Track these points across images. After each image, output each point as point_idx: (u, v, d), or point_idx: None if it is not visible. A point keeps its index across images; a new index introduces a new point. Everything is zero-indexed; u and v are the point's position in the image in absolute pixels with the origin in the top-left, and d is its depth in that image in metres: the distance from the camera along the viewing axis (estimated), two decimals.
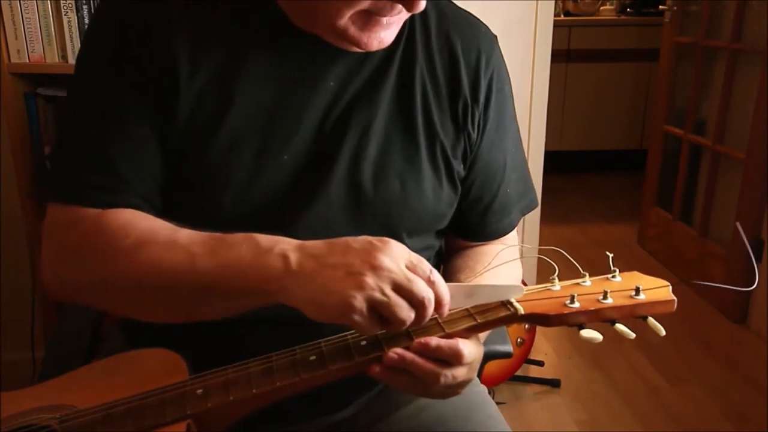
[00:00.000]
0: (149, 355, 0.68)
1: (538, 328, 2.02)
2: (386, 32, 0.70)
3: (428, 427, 0.78)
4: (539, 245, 2.02)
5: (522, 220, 0.91)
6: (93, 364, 0.71)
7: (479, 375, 0.84)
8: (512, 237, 0.92)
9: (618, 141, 4.00)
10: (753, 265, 2.32)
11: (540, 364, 2.07)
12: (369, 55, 0.75)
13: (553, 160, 2.25)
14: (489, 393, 0.89)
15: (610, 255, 0.71)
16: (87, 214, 0.69)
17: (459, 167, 0.81)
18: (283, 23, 0.73)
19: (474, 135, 0.81)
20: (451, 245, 0.91)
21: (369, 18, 0.68)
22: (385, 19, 0.69)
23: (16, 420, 0.64)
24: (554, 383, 2.02)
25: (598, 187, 3.95)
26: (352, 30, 0.68)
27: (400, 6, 0.67)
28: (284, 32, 0.74)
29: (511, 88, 0.88)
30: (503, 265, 0.83)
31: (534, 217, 1.99)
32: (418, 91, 0.78)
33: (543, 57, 1.87)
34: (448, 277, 0.82)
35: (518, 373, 1.98)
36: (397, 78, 0.77)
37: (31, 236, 1.62)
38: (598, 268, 0.71)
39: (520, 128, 0.90)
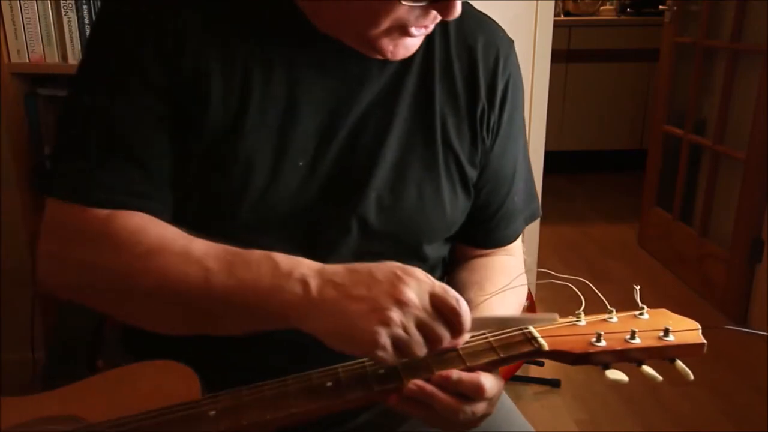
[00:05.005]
0: (162, 368, 0.66)
1: None
2: (413, 41, 0.69)
3: None
4: (539, 246, 2.02)
5: None
6: (104, 373, 0.68)
7: None
8: (517, 247, 0.90)
9: (618, 141, 4.00)
10: (752, 265, 2.32)
11: (540, 364, 2.07)
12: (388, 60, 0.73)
13: (553, 160, 2.25)
14: None
15: (637, 287, 0.68)
16: (94, 215, 0.66)
17: (473, 173, 0.80)
18: (304, 25, 0.71)
19: (487, 140, 0.80)
20: (454, 253, 0.89)
21: (402, 30, 0.67)
22: (414, 30, 0.67)
23: (23, 429, 0.63)
24: (554, 383, 2.02)
25: (598, 187, 3.95)
26: (384, 40, 0.67)
27: (434, 13, 0.65)
28: (306, 35, 0.71)
29: (523, 96, 0.86)
30: (510, 288, 0.80)
31: None
32: (437, 97, 0.76)
33: (543, 57, 1.87)
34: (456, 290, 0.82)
35: (518, 373, 1.98)
36: (416, 83, 0.76)
37: (31, 236, 1.63)
38: (598, 268, 0.67)
39: None
